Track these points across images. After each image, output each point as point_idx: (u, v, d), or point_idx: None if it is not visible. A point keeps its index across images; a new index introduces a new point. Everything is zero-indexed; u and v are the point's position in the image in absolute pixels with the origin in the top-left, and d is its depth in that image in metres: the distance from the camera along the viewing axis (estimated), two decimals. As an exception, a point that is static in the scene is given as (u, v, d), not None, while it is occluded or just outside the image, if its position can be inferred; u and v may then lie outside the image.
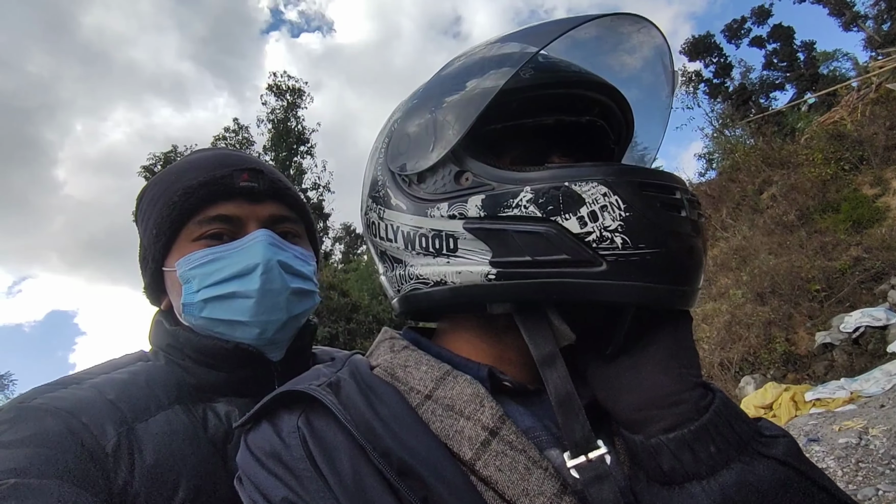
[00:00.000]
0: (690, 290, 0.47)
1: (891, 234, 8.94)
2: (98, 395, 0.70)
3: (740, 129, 19.62)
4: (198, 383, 0.79)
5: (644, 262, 0.44)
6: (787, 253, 9.79)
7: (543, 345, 0.49)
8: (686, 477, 0.41)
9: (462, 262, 0.50)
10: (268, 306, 0.80)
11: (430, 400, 0.51)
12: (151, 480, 0.65)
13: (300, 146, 25.05)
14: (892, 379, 5.58)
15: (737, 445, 0.42)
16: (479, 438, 0.46)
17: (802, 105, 21.87)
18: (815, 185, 11.06)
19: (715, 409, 0.44)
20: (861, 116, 12.18)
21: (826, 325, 7.83)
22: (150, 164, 22.29)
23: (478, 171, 0.50)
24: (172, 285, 0.83)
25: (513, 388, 0.54)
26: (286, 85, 24.86)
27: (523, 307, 0.50)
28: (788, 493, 0.40)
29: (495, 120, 0.51)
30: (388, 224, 0.56)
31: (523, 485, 0.44)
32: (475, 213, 0.48)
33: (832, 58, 30.68)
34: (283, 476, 0.46)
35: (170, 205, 0.81)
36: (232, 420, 0.77)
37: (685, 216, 0.47)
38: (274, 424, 0.51)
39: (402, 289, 0.57)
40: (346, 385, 0.52)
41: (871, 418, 4.71)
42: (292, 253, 0.85)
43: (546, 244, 0.45)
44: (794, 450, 0.43)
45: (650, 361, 0.47)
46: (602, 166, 0.46)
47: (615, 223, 0.44)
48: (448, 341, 0.61)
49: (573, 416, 0.46)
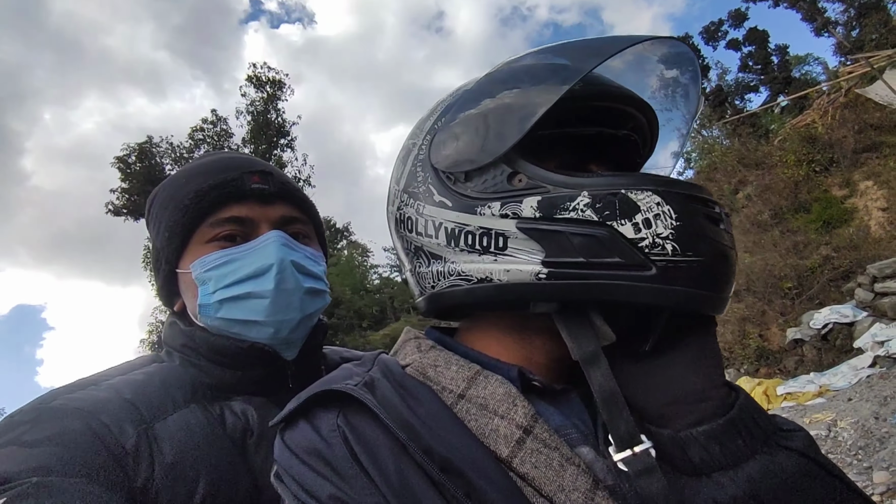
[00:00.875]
0: (725, 297, 0.50)
1: (858, 235, 9.29)
2: (116, 395, 0.70)
3: (717, 130, 20.03)
4: (213, 382, 0.80)
5: (690, 269, 0.46)
6: (762, 251, 10.09)
7: (586, 344, 0.51)
8: (714, 467, 0.44)
9: (511, 261, 0.51)
10: (282, 306, 0.81)
11: (463, 399, 0.52)
12: (172, 478, 0.66)
13: (280, 139, 24.58)
14: (859, 373, 5.81)
15: (761, 438, 0.45)
16: (514, 437, 0.48)
17: (776, 107, 22.43)
18: (787, 185, 11.39)
19: (740, 405, 0.46)
20: (831, 120, 12.55)
21: (797, 321, 8.10)
22: (124, 155, 21.61)
23: (532, 173, 0.51)
24: (187, 287, 0.84)
25: (541, 388, 0.56)
26: (266, 76, 24.31)
27: (567, 307, 0.52)
28: (808, 481, 0.43)
29: (544, 126, 0.52)
30: (429, 220, 0.57)
31: (559, 481, 0.46)
32: (530, 213, 0.49)
33: (804, 62, 31.51)
34: (327, 474, 0.47)
35: (181, 208, 0.82)
36: (249, 417, 0.78)
37: (723, 228, 0.50)
38: (312, 423, 0.51)
39: (437, 285, 0.58)
40: (381, 384, 0.53)
41: (839, 411, 4.90)
42: (304, 253, 0.87)
43: (600, 247, 0.47)
44: (811, 442, 0.46)
45: (680, 362, 0.50)
46: (653, 177, 0.49)
47: (667, 231, 0.46)
48: (474, 341, 0.62)
49: (618, 412, 0.48)
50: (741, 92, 31.65)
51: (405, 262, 0.66)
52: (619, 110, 0.60)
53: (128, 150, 21.75)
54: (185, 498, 0.66)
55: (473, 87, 0.59)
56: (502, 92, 0.55)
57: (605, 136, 0.61)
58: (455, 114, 0.58)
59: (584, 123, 0.59)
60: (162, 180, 0.92)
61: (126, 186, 21.45)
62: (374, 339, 21.36)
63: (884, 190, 9.76)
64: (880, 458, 3.80)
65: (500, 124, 0.53)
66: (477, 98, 0.57)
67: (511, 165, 0.52)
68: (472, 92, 0.59)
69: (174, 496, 0.65)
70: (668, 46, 0.61)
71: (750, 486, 0.42)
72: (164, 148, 22.56)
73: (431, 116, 0.62)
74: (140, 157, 21.69)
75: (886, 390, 4.74)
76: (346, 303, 25.05)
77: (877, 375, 5.48)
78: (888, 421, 4.24)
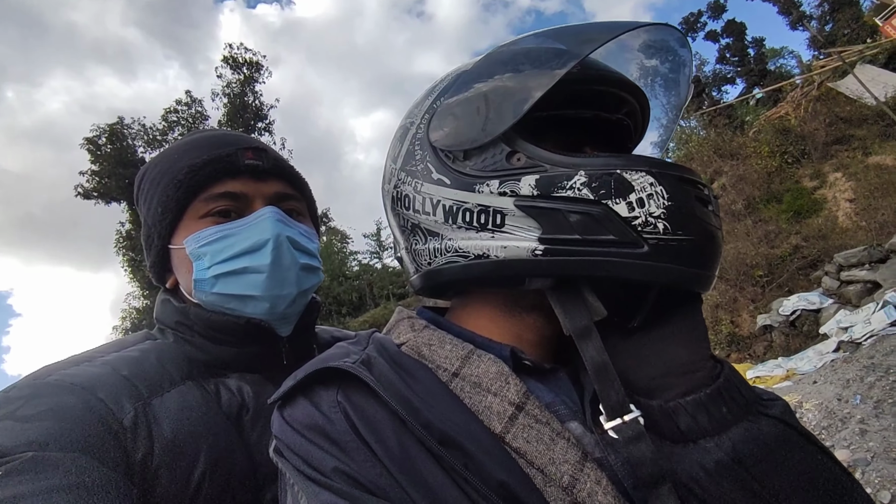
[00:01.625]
0: (712, 275, 0.52)
1: (826, 225, 9.60)
2: (112, 371, 0.69)
3: (694, 120, 20.35)
4: (208, 359, 0.79)
5: (680, 247, 0.48)
6: (735, 240, 10.35)
7: (579, 318, 0.52)
8: (701, 434, 0.46)
9: (508, 238, 0.52)
10: (278, 281, 0.81)
11: (457, 377, 0.53)
12: (171, 454, 0.65)
13: (258, 122, 24.10)
14: (824, 357, 6.05)
15: (744, 407, 0.47)
16: (506, 413, 0.49)
17: (751, 99, 22.89)
18: (761, 176, 11.68)
19: (725, 375, 0.49)
20: (804, 113, 12.89)
21: (767, 308, 8.37)
22: (94, 136, 20.87)
23: (530, 153, 0.52)
24: (180, 263, 0.83)
25: (532, 367, 0.57)
26: (243, 58, 23.72)
27: (560, 283, 0.53)
28: (787, 445, 0.46)
29: (542, 108, 0.53)
30: (427, 197, 0.57)
31: (549, 454, 0.47)
32: (528, 191, 0.50)
33: (779, 55, 32.16)
34: (329, 448, 0.47)
35: (175, 183, 0.80)
36: (244, 394, 0.78)
37: (711, 210, 0.51)
38: (311, 400, 0.51)
39: (433, 262, 0.59)
40: (378, 362, 0.53)
41: (804, 393, 5.10)
42: (298, 230, 0.87)
43: (596, 224, 0.48)
44: (789, 410, 0.49)
45: (669, 336, 0.52)
46: (647, 158, 0.50)
47: (659, 210, 0.47)
48: (466, 320, 0.63)
49: (609, 383, 0.49)
50: (718, 83, 32.18)
51: (400, 241, 0.66)
52: (615, 95, 0.61)
53: (98, 130, 21.04)
54: (184, 474, 0.65)
55: (473, 68, 0.60)
56: (502, 74, 0.56)
57: (600, 120, 0.62)
58: (454, 94, 0.58)
59: (581, 106, 0.60)
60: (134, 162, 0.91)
61: (96, 169, 20.76)
62: (353, 325, 21.33)
63: (851, 182, 10.09)
64: (842, 438, 3.99)
65: (499, 105, 0.53)
66: (476, 79, 0.57)
67: (510, 145, 0.53)
68: (471, 73, 0.59)
69: (174, 472, 0.65)
70: (664, 34, 0.62)
71: (734, 451, 0.45)
72: (136, 129, 21.88)
73: (430, 96, 0.62)
74: (111, 139, 20.98)
75: (849, 373, 4.95)
76: (324, 289, 24.87)
77: (840, 360, 5.70)
78: (850, 402, 4.44)
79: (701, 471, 0.45)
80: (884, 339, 5.47)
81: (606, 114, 0.62)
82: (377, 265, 34.04)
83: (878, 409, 4.14)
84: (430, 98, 0.62)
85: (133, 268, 22.16)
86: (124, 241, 22.15)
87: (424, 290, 0.65)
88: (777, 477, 0.44)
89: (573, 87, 0.56)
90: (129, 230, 21.83)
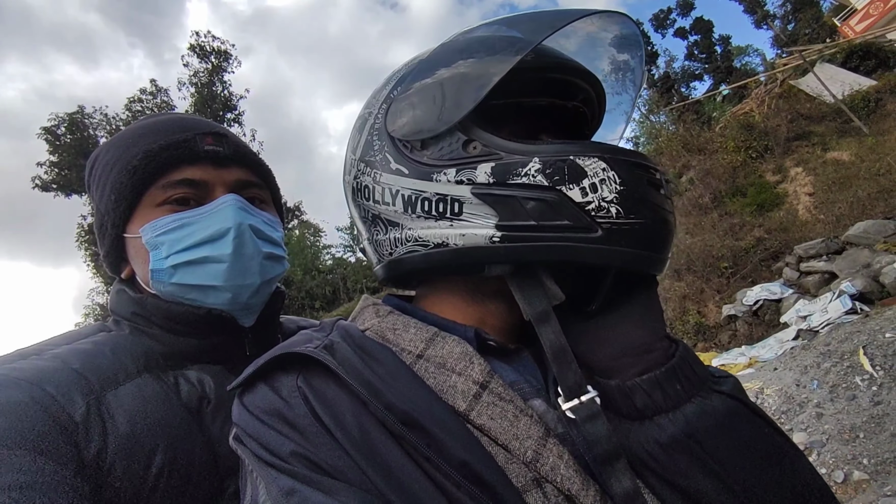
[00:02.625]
0: (665, 258, 0.54)
1: (787, 218, 9.96)
2: (62, 364, 0.67)
3: (664, 116, 20.77)
4: (167, 351, 0.77)
5: (633, 230, 0.50)
6: (702, 233, 10.64)
7: (538, 303, 0.53)
8: (656, 411, 0.48)
9: (466, 226, 0.52)
10: (241, 270, 0.79)
11: (421, 359, 0.54)
12: (126, 449, 0.63)
13: (226, 113, 23.51)
14: (784, 345, 6.29)
15: (697, 384, 0.50)
16: (470, 392, 0.50)
17: (718, 96, 23.49)
18: (727, 170, 12.01)
19: (680, 354, 0.51)
20: (767, 109, 13.31)
21: (731, 298, 8.64)
22: (52, 126, 20.02)
23: (486, 141, 0.53)
24: (137, 252, 0.80)
25: (496, 348, 0.58)
26: (210, 46, 23.06)
27: (519, 269, 0.54)
28: (737, 420, 0.48)
29: (498, 96, 0.54)
30: (386, 187, 0.58)
31: (513, 430, 0.48)
32: (484, 179, 0.52)
33: (745, 52, 33.08)
34: (287, 432, 0.47)
35: (129, 169, 0.77)
36: (205, 386, 0.76)
37: (663, 194, 0.53)
38: (271, 385, 0.51)
39: (395, 252, 0.59)
40: (341, 347, 0.53)
41: (766, 380, 5.31)
42: (261, 218, 0.85)
43: (551, 210, 0.49)
44: (739, 387, 0.52)
45: (626, 318, 0.54)
46: (600, 145, 0.52)
47: (611, 195, 0.49)
48: (430, 306, 0.63)
49: (567, 365, 0.51)
50: (687, 79, 32.88)
51: (363, 231, 0.66)
52: (571, 83, 0.62)
53: (56, 120, 20.17)
54: (141, 469, 0.64)
55: (428, 56, 0.60)
56: (457, 62, 0.56)
57: (556, 107, 0.64)
58: (411, 83, 0.59)
59: (537, 94, 0.61)
60: None
61: (55, 160, 19.98)
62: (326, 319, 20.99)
63: (811, 176, 10.48)
64: (799, 421, 4.17)
65: (455, 93, 0.54)
66: (432, 68, 0.58)
67: (466, 133, 0.54)
68: (427, 62, 0.59)
69: (129, 467, 0.63)
70: (616, 23, 0.63)
71: (687, 426, 0.47)
72: (98, 119, 21.11)
73: (387, 86, 0.62)
74: (70, 129, 20.18)
75: (807, 360, 5.17)
76: (297, 283, 24.50)
77: (799, 347, 5.95)
78: (807, 388, 4.65)
79: (656, 446, 0.47)
80: (839, 326, 5.73)
81: (562, 101, 0.63)
82: (351, 259, 33.75)
83: (834, 394, 4.34)
84: (388, 88, 0.62)
85: (96, 262, 21.37)
86: (86, 234, 21.39)
87: (388, 280, 0.66)
88: (726, 449, 0.46)
89: (529, 75, 0.57)
90: (91, 223, 21.02)
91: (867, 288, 6.20)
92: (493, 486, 0.44)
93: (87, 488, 0.58)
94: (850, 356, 4.74)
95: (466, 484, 0.43)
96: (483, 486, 0.44)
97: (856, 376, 4.40)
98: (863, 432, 3.64)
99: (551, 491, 0.46)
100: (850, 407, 4.03)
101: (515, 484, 0.45)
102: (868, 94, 11.71)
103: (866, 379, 4.29)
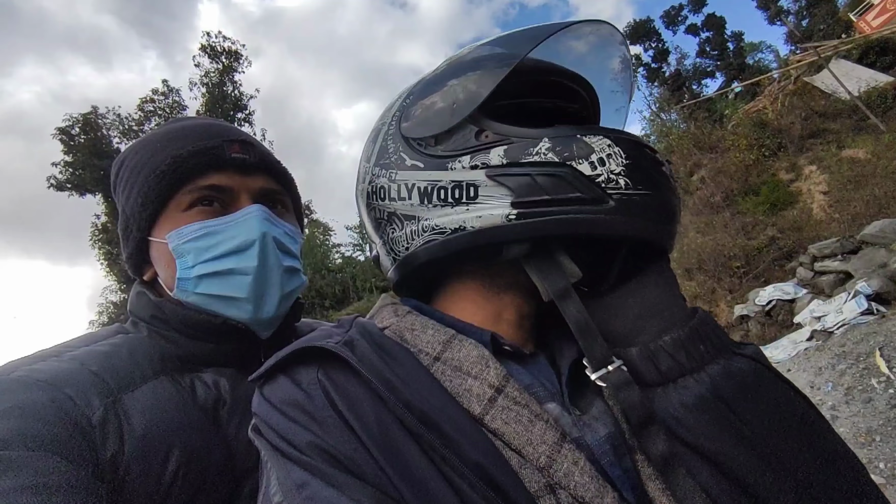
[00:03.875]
0: (674, 231, 0.56)
1: (801, 217, 9.84)
2: (80, 366, 0.67)
3: (675, 114, 20.59)
4: (183, 354, 0.78)
5: (643, 201, 0.52)
6: (713, 232, 10.55)
7: (557, 281, 0.55)
8: (681, 372, 0.48)
9: (482, 207, 0.54)
10: (264, 283, 0.80)
11: (438, 361, 0.54)
12: (142, 451, 0.64)
13: (237, 113, 23.69)
14: (797, 346, 6.21)
15: (720, 346, 0.50)
16: (486, 396, 0.50)
17: (730, 93, 23.24)
18: (739, 169, 11.88)
19: (700, 315, 0.52)
20: (781, 106, 13.13)
21: (744, 298, 8.56)
22: (66, 127, 20.28)
23: (497, 129, 0.56)
24: (160, 256, 0.81)
25: (511, 352, 0.59)
26: (222, 46, 23.24)
27: (535, 250, 0.56)
28: (762, 382, 0.48)
29: (505, 96, 0.57)
30: (402, 184, 0.60)
31: (527, 435, 0.48)
32: (498, 161, 0.54)
33: (757, 49, 32.69)
34: (305, 423, 0.48)
35: (157, 174, 0.78)
36: (220, 388, 0.77)
37: (666, 172, 0.56)
38: (292, 377, 0.52)
39: (411, 245, 0.60)
40: (360, 344, 0.54)
41: (779, 381, 5.26)
42: (283, 229, 0.85)
43: (563, 184, 0.52)
44: (761, 353, 0.52)
45: (642, 288, 0.55)
46: (602, 127, 0.55)
47: (619, 168, 0.52)
48: (448, 306, 0.64)
49: (592, 338, 0.52)
50: (698, 77, 32.56)
51: (376, 238, 0.67)
52: (571, 87, 0.67)
53: (71, 120, 20.44)
54: (157, 470, 0.64)
55: (437, 72, 0.64)
56: (465, 72, 0.60)
57: (560, 110, 0.68)
58: (422, 91, 0.63)
59: (542, 95, 0.66)
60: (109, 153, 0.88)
61: (69, 160, 20.21)
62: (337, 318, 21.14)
63: (825, 175, 10.34)
64: (814, 424, 4.11)
65: (466, 90, 0.58)
66: (442, 79, 0.62)
67: (477, 125, 0.57)
68: (437, 76, 0.63)
69: (146, 469, 0.63)
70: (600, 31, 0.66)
71: (713, 386, 0.47)
72: (111, 119, 21.32)
73: (398, 101, 0.66)
74: (84, 129, 20.42)
75: (821, 361, 5.10)
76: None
77: (813, 348, 5.87)
78: (822, 389, 4.58)
79: (681, 408, 0.47)
80: (854, 327, 5.65)
81: (565, 104, 0.68)
82: (360, 258, 33.85)
83: (849, 396, 4.28)
84: (399, 101, 0.65)
85: (110, 261, 21.71)
86: (100, 233, 21.67)
87: (402, 281, 0.66)
88: (753, 411, 0.46)
89: (532, 77, 0.62)
90: (105, 223, 21.35)
91: (883, 288, 6.09)
92: (507, 490, 0.44)
93: (103, 490, 0.58)
94: (865, 358, 4.67)
95: (481, 485, 0.43)
96: (496, 490, 0.44)
97: (872, 378, 4.33)
98: (879, 436, 3.58)
99: (565, 498, 0.45)
100: (865, 410, 3.97)
101: (529, 489, 0.45)
102: (885, 91, 11.51)
103: (883, 381, 4.22)
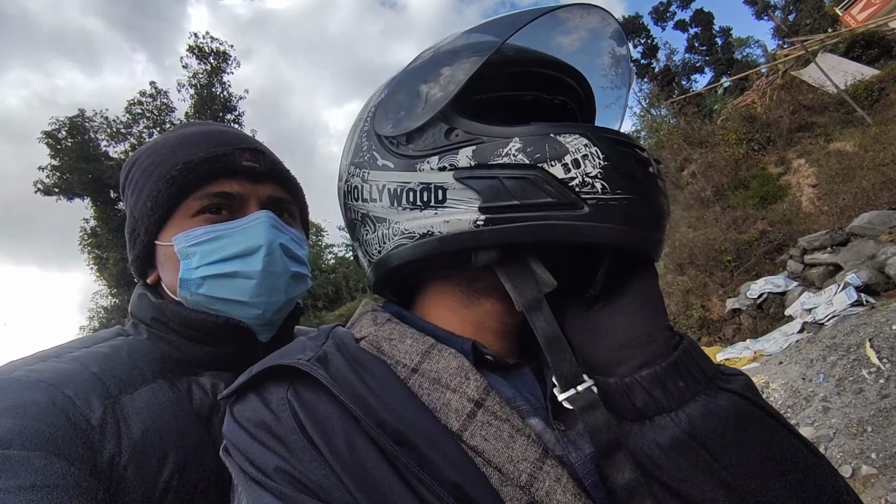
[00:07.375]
0: (660, 238, 0.51)
1: (790, 210, 9.92)
2: (81, 367, 0.68)
3: (665, 109, 20.68)
4: (181, 357, 0.78)
5: (622, 206, 0.48)
6: (704, 226, 10.61)
7: (528, 291, 0.52)
8: (657, 410, 0.45)
9: (450, 212, 0.51)
10: (268, 288, 0.81)
11: (416, 374, 0.52)
12: (139, 454, 0.64)
13: (226, 114, 23.49)
14: (789, 339, 6.26)
15: (702, 381, 0.46)
16: (465, 410, 0.48)
17: (719, 88, 23.37)
18: (729, 163, 11.95)
19: (683, 347, 0.48)
20: (769, 101, 13.22)
21: (735, 292, 8.60)
22: (53, 130, 20.01)
23: (468, 127, 0.52)
24: (166, 260, 0.81)
25: (494, 362, 0.56)
26: (209, 47, 23.03)
27: (506, 258, 0.53)
28: (746, 420, 0.45)
29: (481, 90, 0.54)
30: (373, 184, 0.58)
31: (508, 452, 0.46)
32: (465, 163, 0.51)
33: (745, 44, 32.90)
34: (274, 447, 0.46)
35: (168, 178, 0.79)
36: (217, 393, 0.77)
37: (653, 172, 0.51)
38: (262, 396, 0.50)
39: (383, 249, 0.58)
40: (334, 358, 0.52)
41: (771, 374, 5.29)
42: (290, 236, 0.86)
43: (533, 188, 0.48)
44: (750, 385, 0.48)
45: (624, 307, 0.51)
46: (580, 123, 0.51)
47: (595, 170, 0.48)
48: (428, 313, 0.62)
49: (561, 354, 0.49)
50: (687, 72, 32.73)
51: (352, 238, 0.66)
52: (555, 77, 0.62)
53: (57, 124, 20.16)
54: (153, 473, 0.64)
55: (414, 63, 0.61)
56: (440, 62, 0.57)
57: (542, 102, 0.64)
58: (395, 87, 0.60)
59: (522, 88, 0.62)
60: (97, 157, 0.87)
61: (56, 164, 19.96)
62: (329, 319, 21.20)
63: (814, 168, 10.42)
64: (806, 416, 4.15)
65: (437, 86, 0.55)
66: (416, 71, 0.59)
67: (448, 122, 0.54)
68: (412, 68, 0.61)
69: (142, 471, 0.63)
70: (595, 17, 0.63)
71: (690, 427, 0.44)
72: (99, 122, 21.05)
73: (373, 97, 0.64)
74: (71, 132, 20.14)
75: (812, 353, 5.14)
76: (301, 283, 24.46)
77: (804, 340, 5.91)
78: (813, 381, 4.62)
79: (656, 448, 0.44)
80: (845, 319, 5.69)
81: (548, 96, 0.63)
82: (352, 257, 33.75)
83: (840, 387, 4.32)
84: (373, 98, 0.63)
85: (99, 265, 21.47)
86: (89, 238, 21.42)
87: (380, 284, 0.64)
88: (734, 453, 0.43)
89: (513, 69, 0.58)
90: (94, 227, 21.11)
91: (872, 279, 6.15)
92: None
93: (101, 491, 0.58)
94: (856, 349, 4.71)
95: None
96: None
97: (862, 369, 4.37)
98: (870, 426, 3.62)
99: None
100: (857, 400, 4.01)
101: None
102: (871, 84, 11.62)
103: (873, 372, 4.26)
